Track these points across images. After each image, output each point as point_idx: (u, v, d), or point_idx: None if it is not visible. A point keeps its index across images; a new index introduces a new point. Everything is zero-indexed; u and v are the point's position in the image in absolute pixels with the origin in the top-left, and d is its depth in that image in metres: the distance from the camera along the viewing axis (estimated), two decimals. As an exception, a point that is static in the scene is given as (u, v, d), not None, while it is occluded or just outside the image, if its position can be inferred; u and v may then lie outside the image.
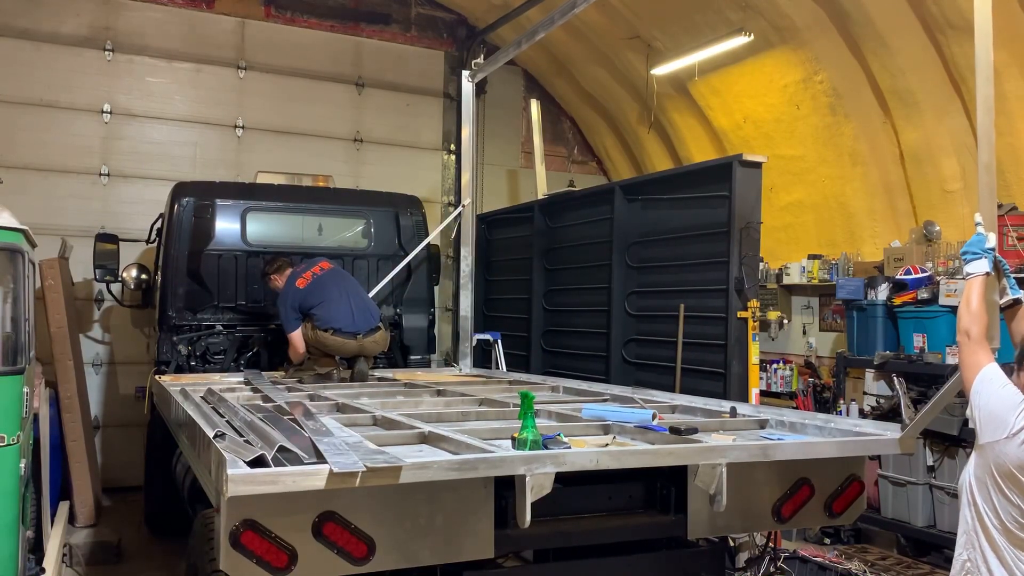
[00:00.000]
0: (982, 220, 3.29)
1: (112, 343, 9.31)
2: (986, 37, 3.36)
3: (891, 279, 7.35)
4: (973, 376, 3.02)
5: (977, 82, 3.39)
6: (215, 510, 3.16)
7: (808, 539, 7.26)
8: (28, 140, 8.89)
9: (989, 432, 2.92)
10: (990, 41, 3.36)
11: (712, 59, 8.59)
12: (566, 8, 6.11)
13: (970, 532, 3.02)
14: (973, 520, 3.01)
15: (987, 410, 2.94)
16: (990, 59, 3.37)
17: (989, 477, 2.93)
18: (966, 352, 3.09)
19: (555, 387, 6.01)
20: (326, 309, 6.32)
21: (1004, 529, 2.91)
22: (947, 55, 7.01)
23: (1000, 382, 2.95)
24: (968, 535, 3.03)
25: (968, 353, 3.08)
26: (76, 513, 7.49)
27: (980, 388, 2.99)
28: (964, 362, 3.09)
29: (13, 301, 4.43)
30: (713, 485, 3.31)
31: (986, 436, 2.93)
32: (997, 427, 2.89)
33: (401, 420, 4.00)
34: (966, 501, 3.05)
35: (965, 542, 3.05)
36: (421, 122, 10.74)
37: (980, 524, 2.97)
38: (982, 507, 2.96)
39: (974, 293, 3.16)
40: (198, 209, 7.17)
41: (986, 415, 2.94)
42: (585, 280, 8.26)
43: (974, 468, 3.02)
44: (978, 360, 3.04)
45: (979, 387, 2.99)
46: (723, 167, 6.54)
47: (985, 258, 3.20)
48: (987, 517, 2.95)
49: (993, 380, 2.97)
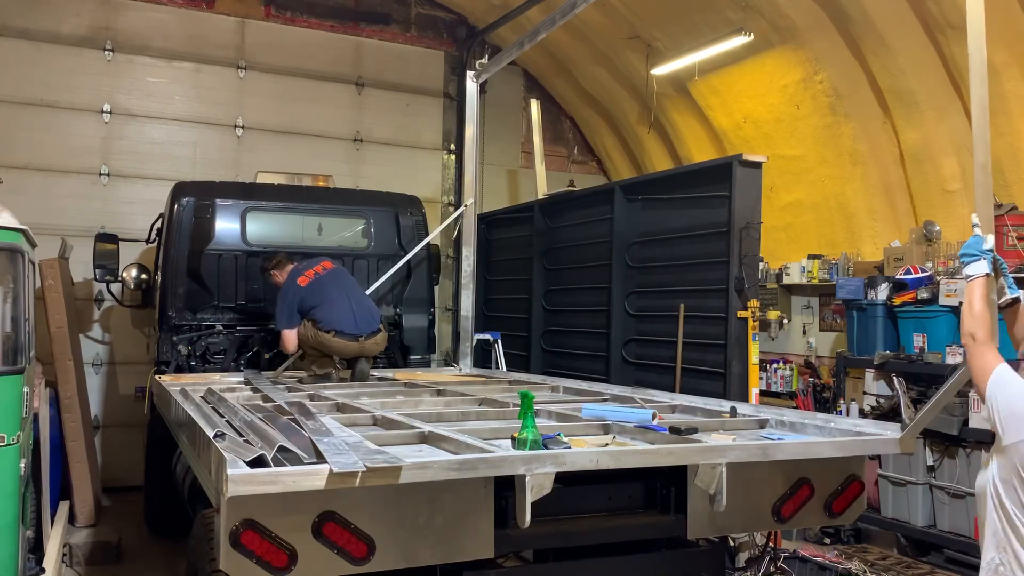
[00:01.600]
0: (979, 221, 3.29)
1: (112, 343, 9.31)
2: (979, 38, 3.35)
3: (891, 279, 7.36)
4: (986, 379, 2.99)
5: (971, 83, 3.38)
6: (215, 510, 3.15)
7: (808, 539, 7.26)
8: (28, 140, 8.89)
9: (1012, 432, 2.89)
10: (983, 42, 3.36)
11: (712, 59, 8.59)
12: (567, 8, 6.10)
13: (999, 533, 2.99)
14: (1002, 521, 2.98)
15: (1007, 411, 2.91)
16: (984, 60, 3.37)
17: (1016, 477, 2.90)
18: (974, 355, 3.06)
19: (555, 387, 6.01)
20: (327, 310, 6.26)
21: None
22: (947, 55, 7.01)
23: (1016, 381, 2.93)
24: (997, 536, 3.00)
25: (976, 356, 3.06)
26: (76, 513, 7.48)
27: (996, 391, 2.96)
28: (973, 365, 3.07)
29: (13, 301, 4.44)
30: (713, 485, 3.31)
31: (1010, 437, 2.90)
32: (1020, 426, 2.87)
33: (401, 420, 3.99)
34: (992, 504, 3.00)
35: (995, 544, 3.01)
36: (421, 122, 10.74)
37: (1010, 525, 2.95)
38: (1011, 508, 2.94)
39: (976, 295, 3.14)
40: (198, 209, 7.17)
41: (1007, 416, 2.91)
42: (585, 280, 8.26)
43: (998, 470, 2.98)
44: (987, 362, 3.01)
45: (994, 389, 2.96)
46: (723, 167, 6.55)
47: (984, 259, 3.19)
48: (1017, 517, 2.93)
49: (1009, 381, 2.94)
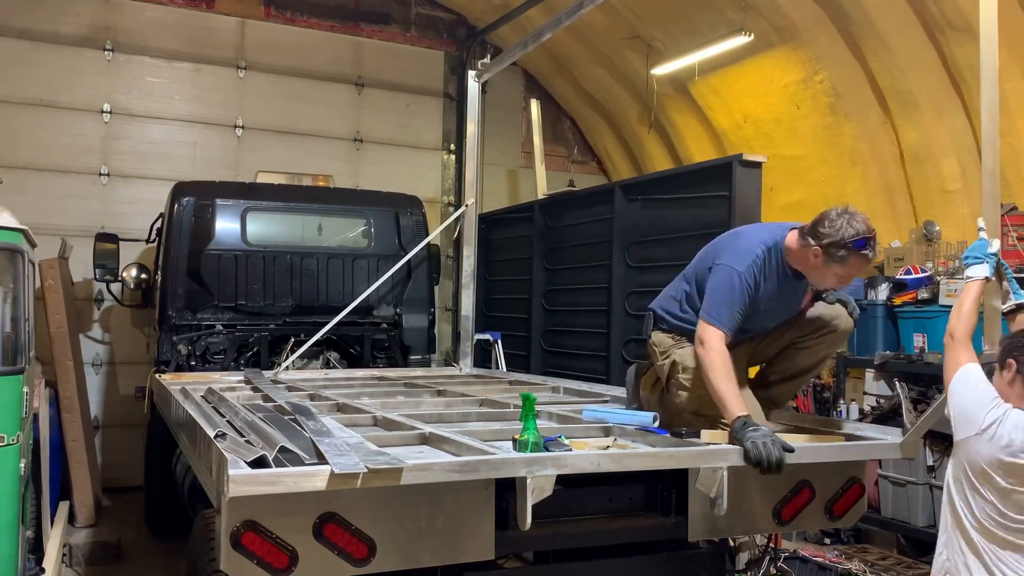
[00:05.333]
0: (985, 225, 3.30)
1: (112, 343, 9.31)
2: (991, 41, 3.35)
3: (891, 279, 7.36)
4: (951, 376, 3.06)
5: (982, 88, 3.39)
6: (215, 510, 3.16)
7: (808, 539, 7.26)
8: (28, 140, 8.88)
9: (962, 430, 2.97)
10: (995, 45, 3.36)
11: (712, 59, 8.59)
12: (573, 8, 6.09)
13: (949, 531, 3.06)
14: (952, 519, 3.04)
15: (959, 408, 2.99)
16: (995, 63, 3.37)
17: (964, 475, 2.96)
18: (948, 353, 3.14)
19: (556, 388, 6.01)
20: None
21: (981, 527, 2.94)
22: (947, 55, 7.01)
23: (975, 381, 2.98)
24: (947, 533, 3.07)
25: (950, 354, 3.12)
26: (76, 513, 7.48)
27: (955, 388, 3.04)
28: (946, 362, 3.14)
29: (13, 301, 4.43)
30: (714, 488, 3.31)
31: (959, 434, 2.98)
32: (969, 424, 2.93)
33: (402, 421, 4.00)
34: (946, 500, 3.09)
35: (945, 541, 3.09)
36: (421, 122, 10.73)
37: (958, 522, 3.01)
38: (959, 505, 3.00)
39: (968, 297, 3.18)
40: (198, 209, 7.16)
41: (958, 413, 2.99)
42: (585, 280, 8.25)
43: (952, 467, 3.07)
44: (958, 360, 3.08)
45: (955, 387, 3.04)
46: (723, 167, 6.54)
47: (987, 263, 3.21)
48: (964, 515, 2.98)
49: (968, 379, 3.00)
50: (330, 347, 7.54)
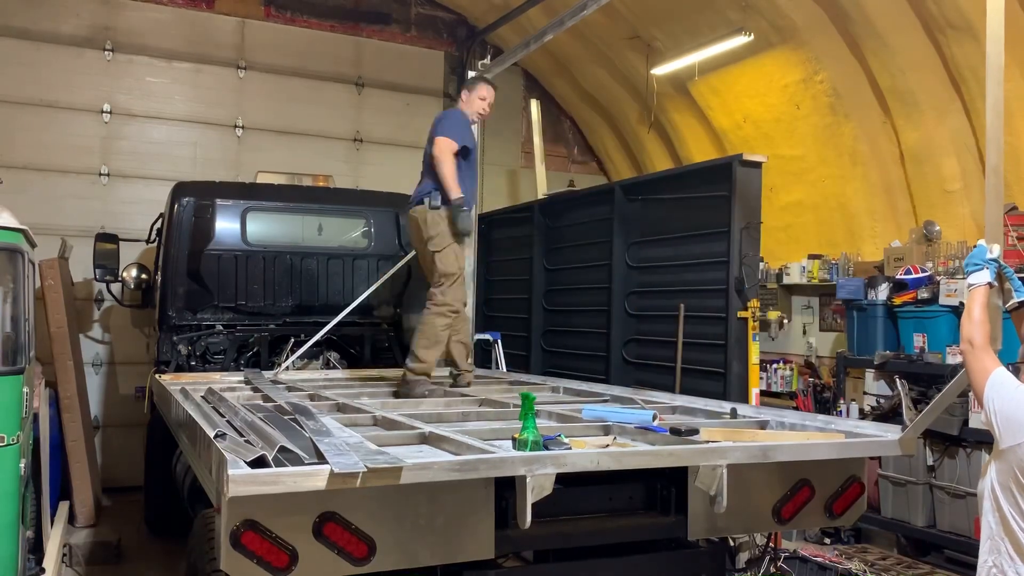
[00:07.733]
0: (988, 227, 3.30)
1: (112, 343, 9.31)
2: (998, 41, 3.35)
3: (891, 279, 7.36)
4: (983, 382, 3.00)
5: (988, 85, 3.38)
6: (215, 510, 3.15)
7: (808, 539, 7.26)
8: (28, 140, 8.89)
9: (1009, 436, 2.89)
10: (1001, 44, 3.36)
11: (712, 59, 8.59)
12: (577, 9, 6.08)
13: (995, 538, 2.99)
14: (998, 526, 2.97)
15: (1004, 415, 2.91)
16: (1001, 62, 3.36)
17: (1014, 482, 2.90)
18: (972, 360, 3.08)
19: (555, 387, 6.01)
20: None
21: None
22: (947, 55, 7.01)
23: (1012, 385, 2.93)
24: (993, 540, 3.00)
25: (974, 360, 3.07)
26: (76, 513, 7.49)
27: (993, 394, 2.96)
28: (971, 369, 3.08)
29: (13, 301, 4.43)
30: (713, 486, 3.31)
31: (1007, 441, 2.90)
32: (1017, 430, 2.87)
33: (401, 420, 4.00)
34: (990, 507, 3.01)
35: (990, 548, 3.01)
36: (421, 122, 10.61)
37: (1006, 529, 2.94)
38: (1008, 512, 2.93)
39: (975, 303, 3.16)
40: (198, 209, 7.16)
41: (1003, 420, 2.91)
42: (585, 280, 8.25)
43: (996, 474, 2.98)
44: (985, 366, 3.02)
45: (991, 393, 2.97)
46: (723, 167, 6.54)
47: (987, 269, 3.20)
48: (1013, 522, 2.93)
49: (1005, 384, 2.95)
50: (330, 347, 7.54)
